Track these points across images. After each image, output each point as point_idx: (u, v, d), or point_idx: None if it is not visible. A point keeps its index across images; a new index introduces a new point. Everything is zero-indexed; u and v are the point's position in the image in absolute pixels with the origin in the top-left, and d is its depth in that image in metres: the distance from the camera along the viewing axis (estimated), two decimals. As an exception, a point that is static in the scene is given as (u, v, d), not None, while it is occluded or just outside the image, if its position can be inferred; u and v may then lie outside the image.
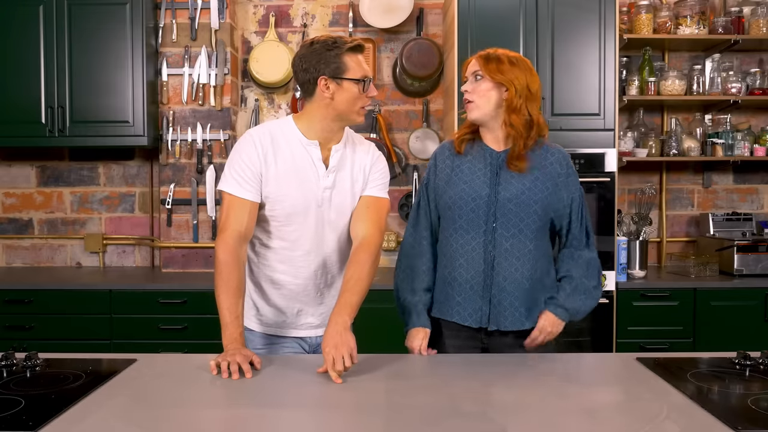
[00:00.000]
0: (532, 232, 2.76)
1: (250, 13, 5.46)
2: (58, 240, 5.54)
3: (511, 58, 2.78)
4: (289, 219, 2.81)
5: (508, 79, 2.73)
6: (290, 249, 2.85)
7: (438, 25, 5.43)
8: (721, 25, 5.01)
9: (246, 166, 2.75)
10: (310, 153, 2.81)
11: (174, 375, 2.38)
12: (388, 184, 2.96)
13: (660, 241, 5.48)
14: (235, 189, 2.75)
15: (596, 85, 4.65)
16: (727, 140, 5.07)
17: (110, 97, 4.90)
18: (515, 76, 2.74)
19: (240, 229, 2.72)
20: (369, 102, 2.80)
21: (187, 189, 5.12)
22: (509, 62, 2.76)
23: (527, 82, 2.76)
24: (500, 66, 2.75)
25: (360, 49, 2.75)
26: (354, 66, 2.73)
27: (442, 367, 2.54)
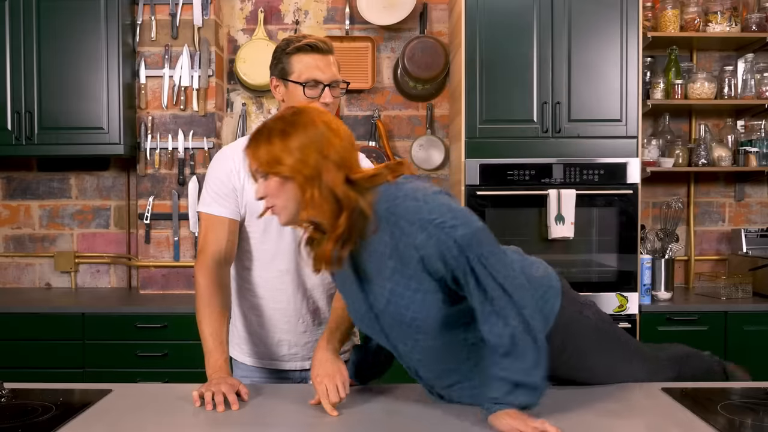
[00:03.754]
0: (433, 337, 2.24)
1: (236, 9, 5.48)
2: (25, 258, 5.54)
3: (286, 128, 2.21)
4: (264, 235, 2.85)
5: (288, 166, 2.16)
6: (266, 269, 2.88)
7: (443, 22, 5.46)
8: (754, 22, 5.03)
9: (221, 183, 2.82)
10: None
11: (153, 406, 2.38)
12: None
13: (687, 259, 5.49)
14: (212, 208, 2.82)
15: (617, 88, 4.67)
16: (761, 148, 5.08)
17: (83, 102, 4.92)
18: (295, 156, 2.17)
19: (219, 249, 2.77)
20: (324, 106, 2.77)
21: (167, 202, 5.14)
22: (282, 136, 2.20)
23: (316, 154, 2.18)
24: (271, 149, 2.19)
25: (313, 49, 2.79)
26: (299, 68, 2.79)
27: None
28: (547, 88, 4.66)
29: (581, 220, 4.61)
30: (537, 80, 4.66)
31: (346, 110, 5.45)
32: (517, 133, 4.66)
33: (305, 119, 2.23)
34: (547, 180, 4.65)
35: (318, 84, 2.79)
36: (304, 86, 2.77)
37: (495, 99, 4.66)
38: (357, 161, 2.27)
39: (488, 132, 4.66)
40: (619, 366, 2.58)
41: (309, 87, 2.78)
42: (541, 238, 4.67)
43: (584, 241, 4.69)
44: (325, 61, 2.80)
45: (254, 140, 2.24)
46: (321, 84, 2.79)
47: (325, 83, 2.79)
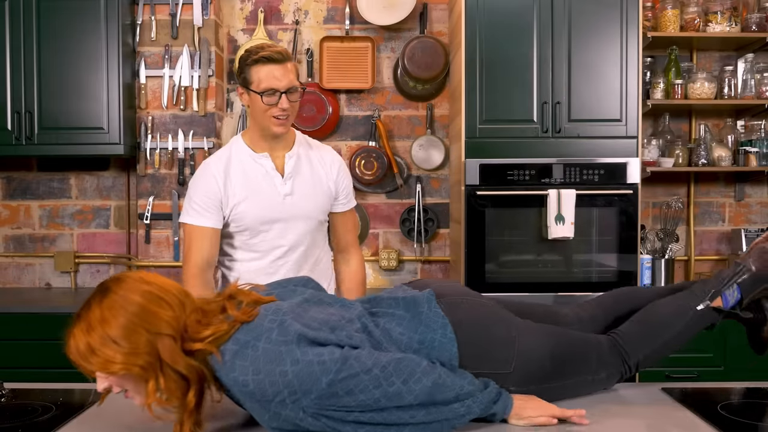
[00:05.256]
0: None
1: (236, 9, 5.48)
2: (25, 258, 5.54)
3: (103, 313, 2.02)
4: (254, 232, 3.24)
5: (120, 364, 1.99)
6: (259, 258, 3.28)
7: (443, 22, 5.46)
8: (754, 22, 5.03)
9: (204, 195, 3.19)
10: (262, 165, 3.25)
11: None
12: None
13: (687, 259, 5.49)
14: (194, 219, 3.19)
15: (617, 88, 4.67)
16: (761, 148, 5.08)
17: (83, 102, 4.92)
18: (122, 349, 1.99)
19: (203, 256, 3.18)
20: (280, 113, 3.12)
21: (167, 202, 5.14)
22: (102, 326, 2.00)
23: (145, 334, 2.01)
24: (92, 346, 2.00)
25: (269, 60, 3.09)
26: (257, 78, 3.10)
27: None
28: (547, 88, 4.66)
29: (581, 220, 4.61)
30: (537, 80, 4.66)
31: (346, 110, 5.45)
32: (517, 133, 4.66)
33: (121, 297, 2.02)
34: (547, 180, 4.64)
35: (275, 92, 3.10)
36: (261, 95, 3.08)
37: (495, 99, 4.66)
38: (195, 321, 2.07)
39: (488, 132, 4.66)
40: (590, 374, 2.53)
41: (267, 95, 3.10)
42: (541, 238, 4.67)
43: (584, 241, 4.69)
44: (281, 70, 3.11)
45: (72, 334, 2.03)
46: (278, 92, 3.09)
47: (281, 90, 3.10)
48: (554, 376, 2.40)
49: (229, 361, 2.01)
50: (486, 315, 2.42)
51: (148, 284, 2.08)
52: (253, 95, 3.13)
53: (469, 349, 2.27)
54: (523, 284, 4.69)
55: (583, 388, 2.52)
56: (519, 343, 2.35)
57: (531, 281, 4.70)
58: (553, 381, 2.38)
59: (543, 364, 2.38)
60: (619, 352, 2.53)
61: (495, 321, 2.40)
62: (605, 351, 2.53)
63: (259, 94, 3.09)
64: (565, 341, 2.49)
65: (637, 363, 2.55)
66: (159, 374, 1.98)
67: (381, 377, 2.01)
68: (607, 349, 2.53)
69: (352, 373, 2.00)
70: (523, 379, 2.30)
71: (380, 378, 2.01)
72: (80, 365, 2.02)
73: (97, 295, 2.06)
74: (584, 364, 2.49)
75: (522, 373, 2.32)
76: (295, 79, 3.16)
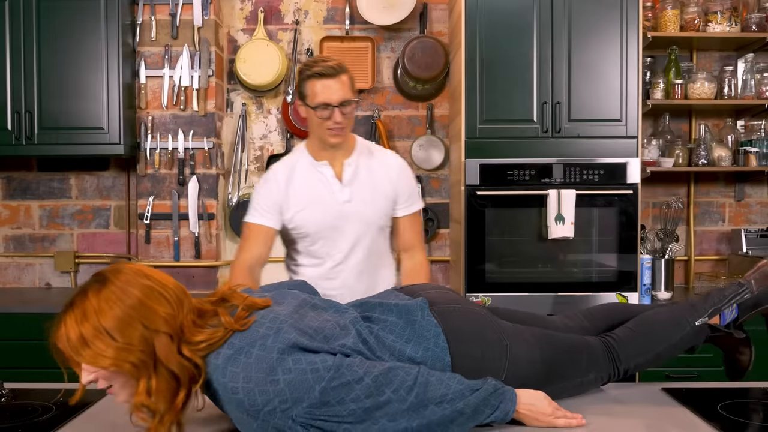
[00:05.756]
0: None
1: (236, 9, 5.48)
2: (25, 258, 5.54)
3: (100, 304, 2.00)
4: (314, 238, 3.37)
5: (111, 359, 1.95)
6: (320, 265, 3.40)
7: (443, 22, 5.46)
8: (754, 22, 5.03)
9: (263, 197, 3.37)
10: (322, 173, 3.35)
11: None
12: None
13: (687, 259, 5.49)
14: (253, 218, 3.38)
15: (617, 88, 4.67)
16: (761, 148, 5.08)
17: (83, 102, 4.92)
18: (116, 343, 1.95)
19: (253, 254, 3.35)
20: (334, 125, 3.21)
21: (167, 202, 5.14)
22: (96, 315, 1.98)
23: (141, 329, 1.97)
24: (84, 336, 1.97)
25: (322, 76, 3.16)
26: (311, 93, 3.20)
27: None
28: (547, 88, 4.66)
29: (581, 220, 4.61)
30: (537, 80, 4.66)
31: (346, 110, 5.44)
32: (517, 133, 4.66)
33: (119, 288, 1.98)
34: (547, 180, 4.64)
35: (328, 106, 3.17)
36: (315, 109, 3.16)
37: (495, 99, 4.66)
38: (191, 322, 2.04)
39: (488, 132, 4.66)
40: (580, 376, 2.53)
41: (320, 109, 3.18)
42: (541, 238, 4.67)
43: (584, 241, 4.69)
44: (334, 84, 3.18)
45: (63, 322, 1.99)
46: (331, 106, 3.17)
47: (334, 105, 3.17)
48: (546, 380, 2.39)
49: (221, 365, 1.98)
50: (478, 323, 2.41)
51: (148, 278, 2.03)
52: (308, 109, 3.23)
53: (461, 357, 2.27)
54: (523, 284, 4.69)
55: (573, 389, 2.53)
56: (511, 350, 2.36)
57: (531, 281, 4.70)
58: (545, 385, 2.37)
59: (535, 368, 2.39)
60: (612, 355, 2.53)
61: (487, 328, 2.40)
62: (596, 353, 2.53)
63: (313, 108, 3.18)
64: (554, 344, 2.49)
65: (627, 368, 2.55)
66: (152, 373, 1.94)
67: (372, 387, 2.00)
68: (598, 351, 2.53)
69: (344, 381, 1.99)
70: (514, 384, 2.29)
71: (371, 387, 2.00)
72: (67, 356, 1.97)
73: (94, 285, 2.02)
74: (574, 367, 2.49)
75: (514, 379, 2.31)
76: (349, 92, 3.23)
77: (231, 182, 5.36)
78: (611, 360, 2.53)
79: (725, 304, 2.59)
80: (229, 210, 5.36)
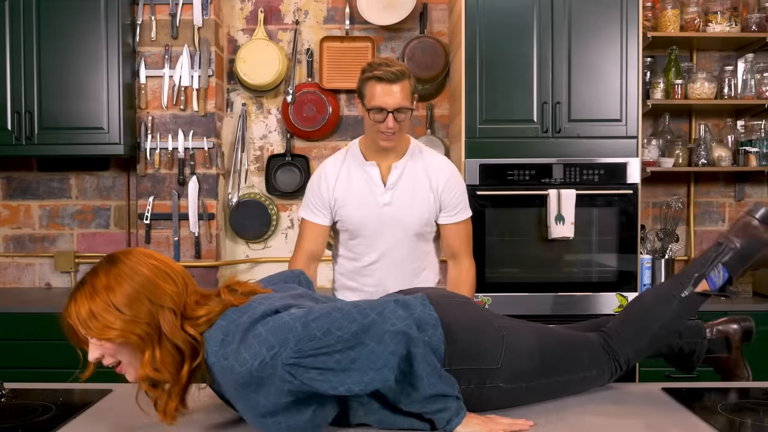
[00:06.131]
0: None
1: (236, 9, 5.48)
2: (25, 258, 5.55)
3: (109, 282, 2.07)
4: (353, 234, 3.43)
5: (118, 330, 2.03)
6: (355, 260, 3.46)
7: (443, 22, 5.46)
8: (754, 22, 5.03)
9: (314, 194, 3.46)
10: (368, 173, 3.38)
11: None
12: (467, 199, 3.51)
13: (687, 259, 5.48)
14: (306, 214, 3.49)
15: (617, 88, 4.67)
16: (761, 148, 5.08)
17: (83, 102, 4.92)
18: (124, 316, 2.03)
19: (310, 249, 3.47)
20: (386, 130, 3.22)
21: (167, 202, 5.13)
22: (106, 292, 2.05)
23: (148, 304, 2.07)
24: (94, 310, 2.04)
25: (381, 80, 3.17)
26: (369, 94, 3.22)
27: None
28: (547, 88, 4.66)
29: (581, 220, 4.61)
30: (537, 80, 4.66)
31: (346, 110, 5.45)
32: (517, 133, 4.66)
33: (129, 268, 2.08)
34: (547, 180, 4.65)
35: (382, 110, 3.19)
36: (369, 111, 3.19)
37: (495, 99, 4.66)
38: (193, 301, 2.12)
39: (488, 132, 4.66)
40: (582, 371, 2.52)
41: (374, 112, 3.21)
42: (541, 238, 4.67)
43: (584, 241, 4.69)
44: (392, 90, 3.19)
45: (73, 298, 2.06)
46: (385, 110, 3.19)
47: (389, 110, 3.19)
48: (544, 373, 2.40)
49: (213, 335, 2.04)
50: (474, 313, 2.45)
51: (156, 260, 2.14)
52: (364, 109, 3.26)
53: (458, 346, 2.28)
54: (523, 284, 4.69)
55: (575, 385, 2.52)
56: (507, 341, 2.36)
57: (531, 281, 4.70)
58: (543, 378, 2.38)
59: (532, 360, 2.39)
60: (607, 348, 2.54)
61: (483, 320, 2.42)
62: (596, 349, 2.53)
63: (368, 110, 3.21)
64: (554, 338, 2.51)
65: (627, 359, 2.55)
66: (156, 346, 2.03)
67: (354, 312, 2.02)
68: (598, 347, 2.54)
69: (324, 312, 2.02)
70: (511, 375, 2.31)
71: (353, 313, 2.01)
72: (77, 331, 2.06)
73: (105, 264, 2.11)
74: (575, 362, 2.49)
75: (510, 369, 2.33)
76: (406, 100, 3.22)
77: (231, 182, 5.36)
78: (608, 353, 2.53)
79: (707, 268, 2.60)
80: (229, 210, 5.37)
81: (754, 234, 2.62)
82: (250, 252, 5.51)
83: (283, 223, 5.51)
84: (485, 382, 2.31)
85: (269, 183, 5.42)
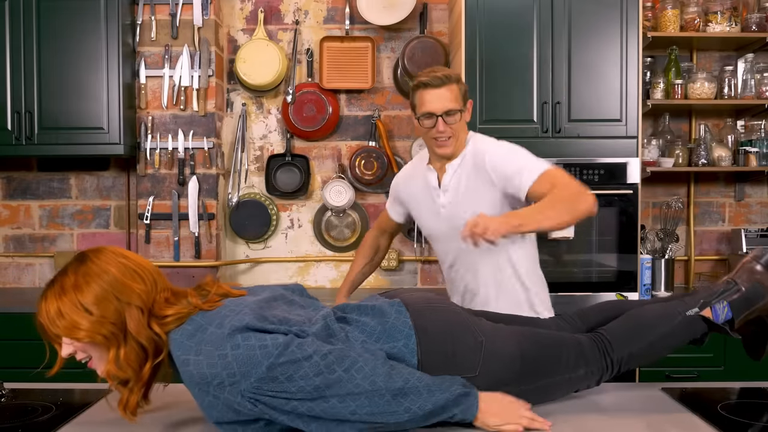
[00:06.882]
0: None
1: (236, 9, 5.48)
2: (25, 258, 5.55)
3: (77, 280, 2.13)
4: (430, 239, 3.53)
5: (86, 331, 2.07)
6: (442, 262, 3.51)
7: (443, 22, 5.46)
8: (754, 22, 5.03)
9: (392, 189, 3.67)
10: (427, 176, 3.36)
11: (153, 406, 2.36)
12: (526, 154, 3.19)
13: (687, 259, 5.49)
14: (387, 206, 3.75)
15: (617, 88, 4.67)
16: (761, 148, 5.08)
17: (83, 102, 4.92)
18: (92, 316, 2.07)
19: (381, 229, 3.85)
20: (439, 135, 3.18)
21: (167, 202, 5.13)
22: (74, 291, 2.10)
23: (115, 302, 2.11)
24: (62, 309, 2.08)
25: (425, 86, 3.17)
26: (418, 103, 3.20)
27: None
28: (547, 88, 4.66)
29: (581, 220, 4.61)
30: (537, 80, 4.67)
31: (346, 110, 5.45)
32: (517, 133, 4.66)
33: (98, 267, 2.11)
34: (547, 180, 4.64)
35: (431, 116, 3.15)
36: (419, 119, 3.18)
37: (495, 99, 4.66)
38: (163, 299, 2.15)
39: (488, 132, 4.60)
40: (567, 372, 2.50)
41: (423, 118, 3.18)
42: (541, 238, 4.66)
43: (584, 241, 4.69)
44: (436, 94, 3.15)
45: (44, 297, 2.11)
46: (434, 115, 3.15)
47: (437, 114, 3.14)
48: (525, 379, 2.38)
49: (179, 339, 2.06)
50: (450, 320, 2.41)
51: (126, 258, 2.16)
52: (415, 119, 3.25)
53: (432, 356, 2.27)
54: (523, 284, 4.69)
55: (562, 387, 2.50)
56: (486, 348, 2.34)
57: (531, 281, 4.70)
58: (525, 383, 2.37)
59: (513, 365, 2.36)
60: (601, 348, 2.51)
61: (461, 326, 2.39)
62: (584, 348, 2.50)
63: (418, 118, 3.20)
64: (536, 341, 2.48)
65: (620, 360, 2.52)
66: (121, 344, 2.07)
67: (322, 365, 2.02)
68: (587, 346, 2.51)
69: (293, 359, 2.01)
70: (490, 382, 2.29)
71: (321, 365, 2.02)
72: (47, 329, 2.08)
73: (74, 263, 2.15)
74: (558, 364, 2.46)
75: (489, 376, 2.31)
76: (454, 102, 3.16)
77: (231, 182, 5.36)
78: (602, 352, 2.50)
79: (715, 298, 2.60)
80: (229, 210, 5.37)
81: (758, 279, 2.63)
82: (250, 252, 5.51)
83: (283, 223, 5.51)
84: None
85: (269, 183, 5.42)
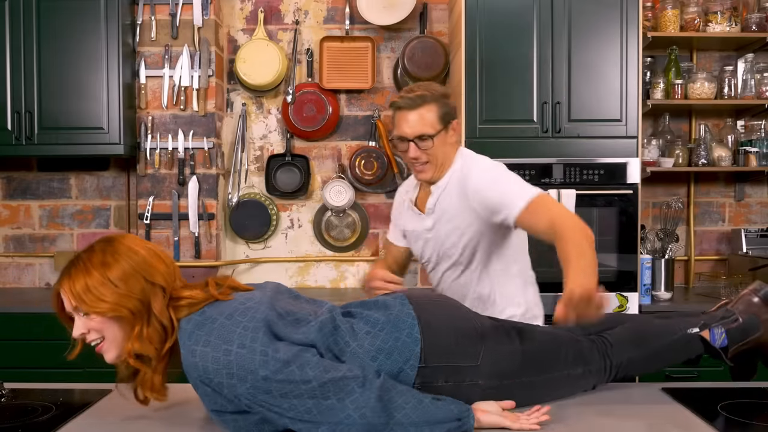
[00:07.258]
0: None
1: (236, 9, 5.48)
2: (25, 258, 5.55)
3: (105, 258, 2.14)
4: (422, 260, 3.26)
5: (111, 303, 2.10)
6: (433, 286, 3.29)
7: (443, 22, 5.46)
8: (754, 22, 5.03)
9: (392, 213, 3.44)
10: (411, 199, 3.24)
11: (153, 406, 2.37)
12: (509, 180, 2.94)
13: (687, 259, 5.49)
14: (388, 231, 3.49)
15: (617, 88, 4.66)
16: (761, 148, 5.08)
17: (83, 102, 4.92)
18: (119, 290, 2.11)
19: (387, 261, 3.45)
20: (412, 160, 3.02)
21: (167, 202, 5.13)
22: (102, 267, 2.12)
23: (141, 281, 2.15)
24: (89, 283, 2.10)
25: (399, 108, 2.98)
26: (394, 125, 3.05)
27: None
28: (547, 88, 4.66)
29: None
30: (537, 80, 4.66)
31: (346, 110, 5.45)
32: (517, 133, 4.66)
33: (125, 247, 2.16)
34: (547, 180, 4.64)
35: (403, 140, 2.98)
36: (392, 141, 3.09)
37: (495, 99, 4.66)
38: (180, 285, 2.21)
39: (488, 132, 4.66)
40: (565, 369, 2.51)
41: (397, 141, 3.01)
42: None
43: (584, 241, 4.68)
44: (409, 117, 2.96)
45: (68, 273, 2.12)
46: (406, 140, 2.97)
47: (409, 139, 2.96)
48: (525, 372, 2.41)
49: (189, 329, 2.09)
50: (453, 312, 2.45)
51: (149, 244, 2.23)
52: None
53: (435, 345, 2.29)
54: (523, 284, 4.69)
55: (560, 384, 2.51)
56: (487, 339, 2.38)
57: (531, 281, 4.70)
58: (524, 376, 2.39)
59: (514, 358, 2.40)
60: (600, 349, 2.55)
61: (462, 319, 2.43)
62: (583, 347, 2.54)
63: (390, 140, 3.07)
64: (536, 336, 2.53)
65: (619, 364, 2.56)
66: (144, 321, 2.11)
67: (317, 390, 2.03)
68: (586, 346, 2.55)
69: (291, 379, 2.02)
70: (492, 373, 2.33)
71: (316, 391, 2.02)
72: (71, 302, 2.11)
73: (100, 243, 2.18)
74: (556, 359, 2.49)
75: (491, 367, 2.34)
76: (428, 126, 2.94)
77: (231, 182, 5.36)
78: (601, 354, 2.54)
79: (714, 322, 2.66)
80: (229, 210, 5.37)
81: (754, 312, 2.68)
82: (250, 252, 5.51)
83: (283, 223, 5.51)
84: (464, 379, 2.32)
85: (269, 183, 5.42)
